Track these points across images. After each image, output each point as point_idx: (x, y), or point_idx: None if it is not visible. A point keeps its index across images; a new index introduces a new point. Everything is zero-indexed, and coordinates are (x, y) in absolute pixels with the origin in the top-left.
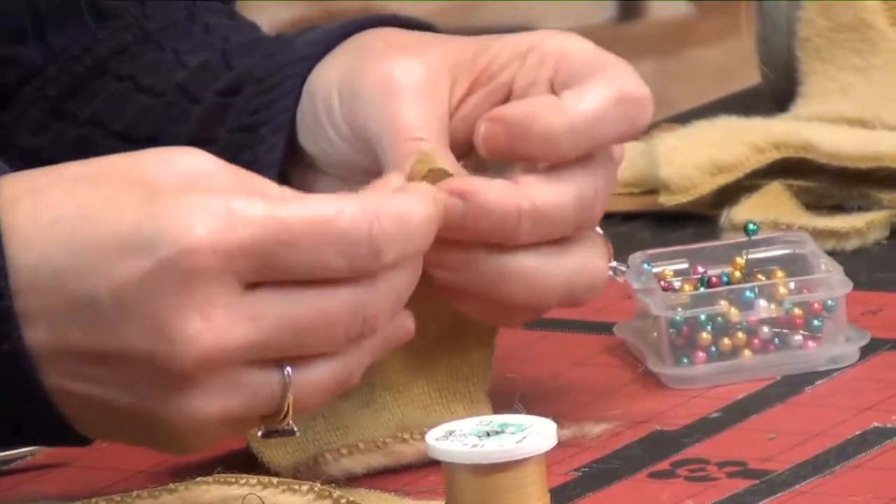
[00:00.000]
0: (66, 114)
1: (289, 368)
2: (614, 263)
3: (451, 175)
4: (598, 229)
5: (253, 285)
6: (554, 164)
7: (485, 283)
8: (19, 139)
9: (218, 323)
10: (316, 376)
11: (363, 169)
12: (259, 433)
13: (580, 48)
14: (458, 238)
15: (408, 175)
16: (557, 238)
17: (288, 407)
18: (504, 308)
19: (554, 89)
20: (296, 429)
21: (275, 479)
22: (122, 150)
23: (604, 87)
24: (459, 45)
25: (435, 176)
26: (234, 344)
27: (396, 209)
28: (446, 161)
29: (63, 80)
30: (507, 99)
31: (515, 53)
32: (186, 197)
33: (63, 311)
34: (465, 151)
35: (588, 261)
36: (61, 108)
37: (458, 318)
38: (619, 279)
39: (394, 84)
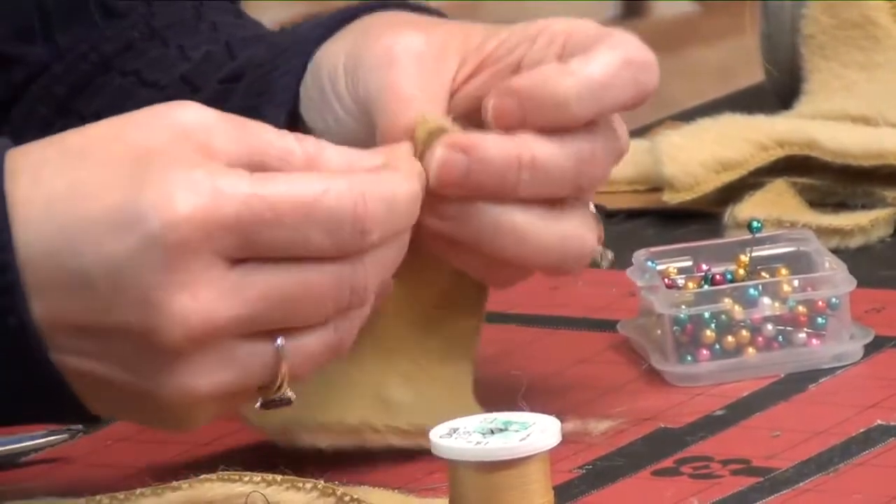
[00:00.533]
0: (71, 111)
1: (280, 339)
2: (600, 248)
3: (448, 131)
4: (593, 207)
5: (238, 262)
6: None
7: (478, 234)
8: (27, 136)
9: (204, 299)
10: (308, 345)
11: (368, 144)
12: (257, 405)
13: (586, 25)
14: (458, 193)
15: (414, 139)
16: (554, 200)
17: (282, 377)
18: (494, 263)
19: (561, 62)
20: (293, 397)
21: (279, 477)
22: None
23: (610, 51)
24: (467, 28)
25: (434, 137)
26: (221, 319)
27: (383, 189)
28: (443, 120)
29: (69, 78)
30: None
31: (524, 37)
32: (173, 171)
33: (58, 287)
34: (466, 127)
35: (579, 230)
36: (67, 105)
37: (449, 287)
38: (603, 265)
39: (394, 53)
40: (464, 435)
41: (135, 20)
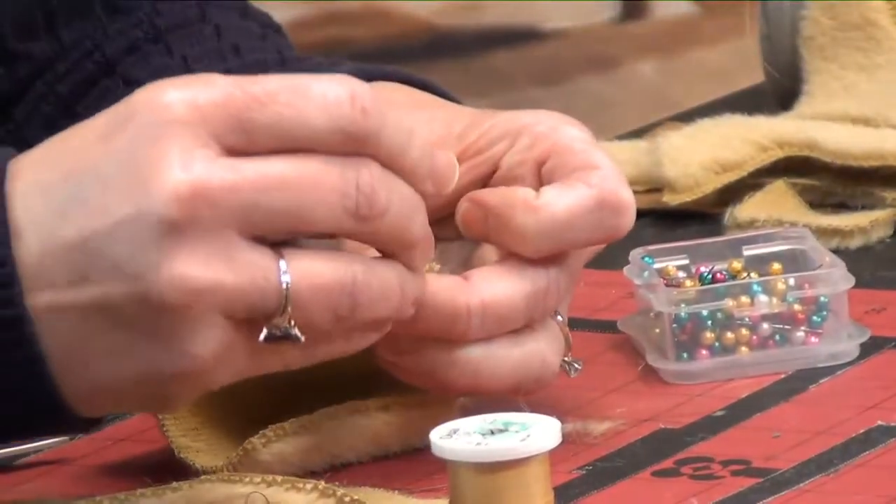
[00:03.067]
0: (75, 113)
1: (282, 262)
2: (569, 358)
3: None
4: (560, 317)
5: (236, 153)
6: (522, 255)
7: (431, 369)
8: (30, 134)
9: (196, 167)
10: (315, 270)
11: None
12: (262, 337)
13: (572, 137)
14: (409, 333)
15: None
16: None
17: (287, 300)
18: (451, 389)
19: (541, 175)
20: (301, 336)
21: (279, 478)
22: None
23: (584, 190)
24: (450, 114)
25: None
26: (215, 188)
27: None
28: None
29: (74, 76)
30: (492, 173)
31: (506, 132)
32: (161, 84)
33: (48, 212)
34: (442, 217)
35: (538, 353)
36: (71, 105)
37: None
38: (572, 375)
39: None
40: (464, 436)
41: (139, 18)
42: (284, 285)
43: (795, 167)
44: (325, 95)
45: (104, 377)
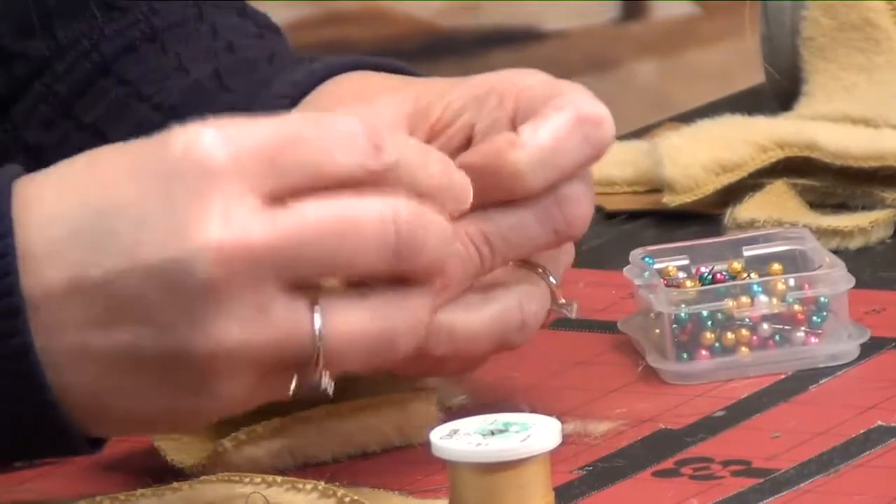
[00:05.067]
0: (72, 114)
1: (317, 316)
2: (563, 300)
3: None
4: (554, 280)
5: (271, 202)
6: (524, 198)
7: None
8: (28, 135)
9: (238, 222)
10: (350, 321)
11: None
12: (291, 388)
13: (534, 81)
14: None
15: None
16: (485, 285)
17: (319, 354)
18: (434, 362)
19: (515, 126)
20: (329, 389)
21: (279, 478)
22: None
23: (559, 113)
24: (419, 90)
25: None
26: (257, 243)
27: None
28: None
29: (71, 77)
30: (467, 142)
31: (471, 98)
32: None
33: (75, 245)
34: None
35: (514, 303)
36: (69, 106)
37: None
38: (573, 315)
39: None
40: (464, 436)
41: (136, 18)
42: (318, 338)
43: (795, 168)
44: (344, 130)
45: (123, 413)
